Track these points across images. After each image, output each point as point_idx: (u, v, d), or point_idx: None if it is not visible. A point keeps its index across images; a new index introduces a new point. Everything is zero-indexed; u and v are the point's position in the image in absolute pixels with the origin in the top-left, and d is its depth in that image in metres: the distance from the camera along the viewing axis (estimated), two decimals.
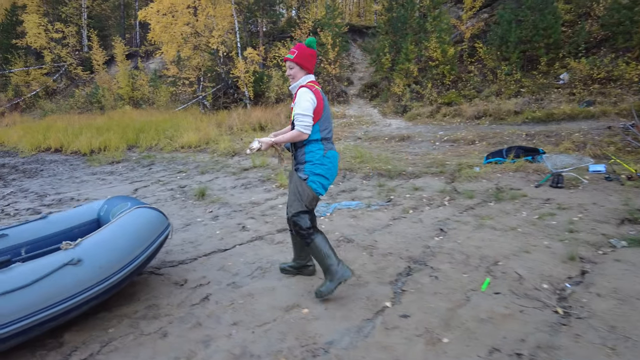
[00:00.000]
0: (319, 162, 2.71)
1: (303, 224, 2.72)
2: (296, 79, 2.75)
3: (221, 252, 3.73)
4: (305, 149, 2.74)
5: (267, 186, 6.19)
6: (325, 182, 2.79)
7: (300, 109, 2.63)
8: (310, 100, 2.63)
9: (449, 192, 5.04)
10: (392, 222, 4.21)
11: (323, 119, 2.73)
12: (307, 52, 2.73)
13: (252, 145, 2.72)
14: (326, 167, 2.75)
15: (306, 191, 2.72)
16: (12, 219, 5.30)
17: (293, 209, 2.75)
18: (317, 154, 2.71)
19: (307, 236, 2.72)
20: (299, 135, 2.65)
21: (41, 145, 12.71)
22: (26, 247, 3.02)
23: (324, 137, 2.75)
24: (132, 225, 2.79)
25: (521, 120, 9.50)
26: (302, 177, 2.72)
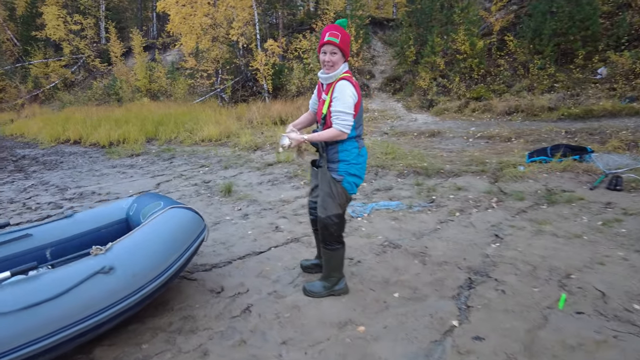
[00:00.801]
0: (354, 161, 2.48)
1: (337, 228, 2.55)
2: (335, 67, 2.40)
3: (256, 255, 3.44)
4: (339, 147, 2.46)
5: (295, 183, 5.88)
6: (358, 181, 2.58)
7: (343, 105, 2.33)
8: (353, 96, 2.36)
9: (496, 193, 4.67)
10: (439, 225, 3.87)
11: (359, 115, 2.46)
12: (347, 35, 2.39)
13: (283, 142, 2.46)
14: (360, 166, 2.54)
15: (341, 192, 2.50)
16: (33, 214, 5.10)
17: (329, 211, 2.52)
18: (352, 152, 2.47)
19: (334, 242, 2.59)
20: (339, 135, 2.36)
21: (60, 137, 12.62)
22: (51, 249, 2.76)
23: (358, 134, 2.50)
24: (167, 228, 2.51)
25: (556, 116, 9.01)
26: (336, 179, 2.48)
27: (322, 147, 2.52)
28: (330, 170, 2.51)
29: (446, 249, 3.33)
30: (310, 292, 2.72)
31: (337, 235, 2.59)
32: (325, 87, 2.51)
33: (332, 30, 2.36)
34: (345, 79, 2.38)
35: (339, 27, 2.38)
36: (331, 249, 2.61)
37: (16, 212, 5.20)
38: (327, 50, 2.38)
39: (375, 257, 3.27)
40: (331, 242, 2.59)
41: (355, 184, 2.56)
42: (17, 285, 1.92)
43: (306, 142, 2.50)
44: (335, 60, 2.38)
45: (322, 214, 2.55)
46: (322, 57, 2.40)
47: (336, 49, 2.36)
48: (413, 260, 3.18)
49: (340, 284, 2.72)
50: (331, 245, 2.60)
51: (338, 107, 2.34)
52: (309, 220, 2.92)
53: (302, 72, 13.31)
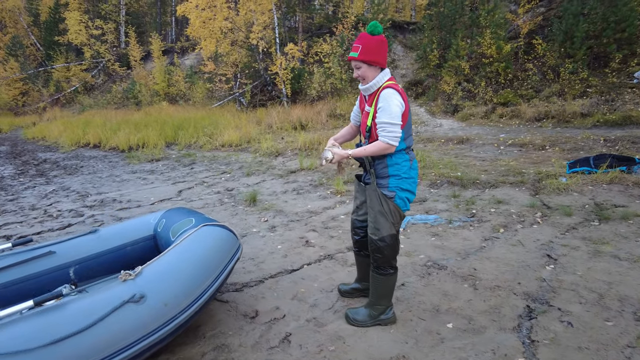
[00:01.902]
0: (406, 175, 2.27)
1: (391, 251, 2.33)
2: (367, 79, 2.22)
3: (289, 274, 3.21)
4: (388, 160, 2.25)
5: (321, 192, 5.65)
6: (411, 197, 2.35)
7: (390, 116, 2.12)
8: (400, 105, 2.14)
9: (539, 207, 4.35)
10: (485, 243, 3.58)
11: (408, 125, 2.24)
12: (372, 42, 2.15)
13: (326, 155, 2.28)
14: (412, 181, 2.32)
15: (394, 210, 2.28)
16: (54, 222, 4.98)
17: (382, 232, 2.29)
18: (403, 166, 2.26)
19: (387, 266, 2.36)
20: (386, 149, 2.16)
21: (80, 141, 12.66)
22: (75, 267, 2.58)
23: (408, 145, 2.28)
24: (201, 249, 2.30)
25: (591, 123, 8.60)
26: (388, 195, 2.26)
27: (369, 162, 2.31)
28: (379, 187, 2.29)
29: (497, 272, 3.05)
30: (354, 320, 2.47)
31: (391, 259, 2.36)
32: (367, 99, 2.32)
33: (354, 44, 2.19)
34: (390, 87, 2.17)
35: (361, 36, 2.19)
36: (383, 274, 2.37)
37: (37, 220, 5.09)
38: (353, 66, 2.25)
39: (419, 279, 3.01)
40: (384, 266, 2.36)
41: (408, 200, 2.33)
42: (41, 316, 1.72)
43: (350, 157, 2.29)
44: (362, 74, 2.21)
45: (375, 235, 2.31)
46: (354, 74, 2.28)
47: (358, 63, 2.18)
48: (462, 284, 2.91)
49: (387, 313, 2.47)
50: (383, 270, 2.36)
51: (384, 118, 2.13)
52: (353, 240, 2.67)
53: (322, 77, 13.09)
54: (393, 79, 2.26)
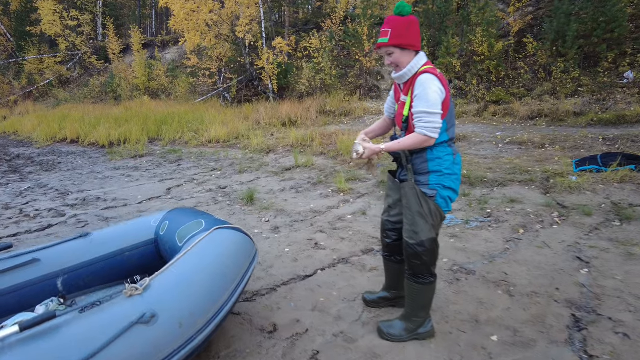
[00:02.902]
0: (449, 171, 2.00)
1: (431, 257, 2.07)
2: (402, 65, 1.96)
3: (302, 280, 2.91)
4: (428, 154, 1.99)
5: (322, 190, 5.35)
6: (454, 196, 2.08)
7: (428, 104, 1.85)
8: (439, 91, 1.87)
9: (554, 206, 4.17)
10: (507, 245, 3.37)
11: (450, 114, 1.97)
12: (403, 23, 1.89)
13: (357, 149, 2.07)
14: (456, 177, 2.05)
15: (434, 211, 2.02)
16: (32, 222, 4.52)
17: (421, 235, 2.03)
18: (446, 161, 1.99)
19: (427, 274, 2.10)
20: (425, 141, 1.90)
21: (56, 136, 11.98)
22: (64, 277, 2.22)
23: (450, 137, 2.02)
24: (216, 256, 1.98)
25: (585, 122, 8.57)
26: (428, 194, 2.00)
27: (406, 156, 2.05)
28: (418, 184, 2.03)
29: (530, 276, 2.82)
30: (389, 335, 2.20)
31: (431, 265, 2.10)
32: (402, 87, 2.05)
33: (382, 29, 1.94)
34: (427, 71, 1.90)
35: (389, 19, 1.92)
36: (421, 282, 2.11)
37: (13, 221, 4.62)
38: (383, 53, 2.00)
39: (449, 286, 2.76)
40: (422, 273, 2.10)
41: (450, 199, 2.07)
42: (30, 345, 1.37)
43: (383, 152, 2.04)
44: (396, 60, 1.96)
45: (412, 239, 2.05)
46: (386, 62, 2.02)
47: (390, 49, 1.94)
48: (495, 290, 2.67)
49: (426, 326, 2.21)
50: (422, 278, 2.10)
51: (421, 107, 1.88)
52: (383, 244, 2.40)
53: (312, 72, 12.77)
54: (430, 63, 1.99)
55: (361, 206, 4.56)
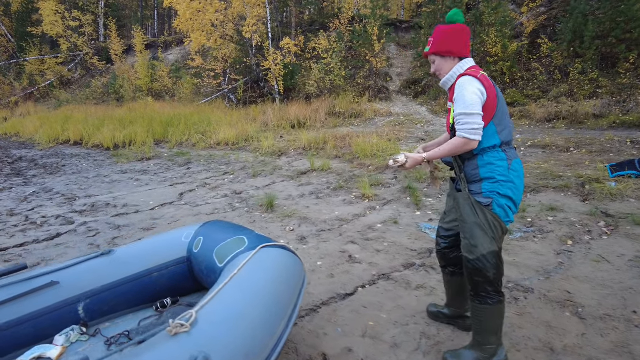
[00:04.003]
0: (503, 178, 1.80)
1: (495, 273, 1.83)
2: (444, 72, 1.91)
3: (343, 300, 2.64)
4: (479, 160, 1.83)
5: (344, 196, 5.08)
6: (514, 206, 1.85)
7: (464, 105, 1.75)
8: (478, 92, 1.75)
9: (599, 215, 3.90)
10: (560, 258, 3.09)
11: (500, 115, 1.81)
12: (446, 32, 1.86)
13: (398, 157, 1.95)
14: (513, 185, 1.82)
15: (493, 221, 1.81)
16: (39, 231, 4.24)
17: (481, 249, 1.82)
18: (499, 166, 1.80)
19: (492, 292, 1.85)
20: (465, 144, 1.76)
21: (59, 137, 11.72)
22: (85, 302, 1.94)
23: (504, 140, 1.82)
24: (268, 282, 1.70)
25: (607, 124, 8.32)
26: (482, 203, 1.81)
27: (458, 164, 1.91)
28: (473, 194, 1.85)
29: (596, 296, 2.55)
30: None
31: (495, 283, 1.85)
32: (449, 94, 1.94)
33: (431, 37, 1.93)
34: (466, 74, 1.80)
35: (436, 28, 1.92)
36: (486, 302, 1.86)
37: (19, 229, 4.34)
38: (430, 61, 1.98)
39: (508, 306, 2.48)
40: (487, 292, 1.85)
41: (510, 209, 1.84)
42: None
43: (425, 160, 1.93)
44: (437, 67, 1.93)
45: (472, 254, 1.85)
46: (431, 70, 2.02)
47: (432, 57, 1.93)
48: (562, 311, 2.40)
49: (500, 354, 1.92)
50: (488, 297, 1.85)
51: (458, 109, 1.77)
52: (437, 252, 2.22)
53: (321, 73, 12.51)
54: (476, 67, 1.86)
55: (390, 214, 4.29)
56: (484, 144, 1.80)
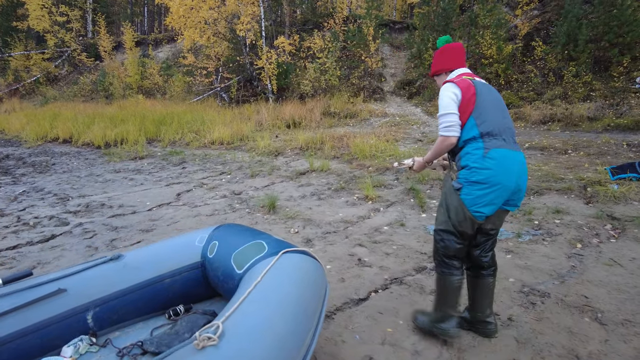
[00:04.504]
0: (476, 164, 1.92)
1: (440, 248, 2.10)
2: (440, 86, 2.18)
3: (357, 305, 2.57)
4: (461, 152, 2.02)
5: (346, 197, 5.01)
6: (488, 196, 1.91)
7: (440, 108, 2.02)
8: (452, 95, 1.97)
9: (605, 218, 3.90)
10: (572, 262, 3.06)
11: (479, 109, 1.95)
12: (436, 55, 2.24)
13: (405, 161, 2.42)
14: (491, 172, 1.89)
15: (456, 206, 1.99)
16: (32, 232, 4.08)
17: (437, 224, 2.13)
18: (473, 154, 1.94)
19: (437, 263, 2.14)
20: (444, 141, 2.00)
21: (47, 135, 11.42)
22: (94, 310, 1.84)
23: (483, 131, 1.94)
24: (293, 290, 1.62)
25: (601, 127, 8.39)
26: (454, 187, 2.01)
27: (450, 158, 2.16)
28: (453, 180, 2.05)
29: (614, 300, 2.52)
30: (415, 320, 2.28)
31: (439, 259, 2.12)
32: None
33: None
34: (448, 81, 2.06)
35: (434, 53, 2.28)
36: (436, 271, 2.17)
37: (10, 230, 4.17)
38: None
39: (525, 311, 2.44)
40: (436, 261, 2.16)
41: (483, 200, 1.92)
42: None
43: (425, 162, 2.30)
44: (438, 84, 2.25)
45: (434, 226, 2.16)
46: None
47: (435, 78, 2.27)
48: (581, 317, 2.36)
49: (447, 322, 2.11)
50: (436, 266, 2.16)
51: (438, 113, 2.06)
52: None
53: (316, 72, 12.42)
54: (462, 74, 2.09)
55: (396, 216, 4.23)
56: (464, 136, 1.96)
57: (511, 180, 1.90)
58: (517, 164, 1.93)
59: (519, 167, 1.94)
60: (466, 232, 2.01)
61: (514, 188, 1.93)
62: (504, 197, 1.92)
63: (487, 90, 2.03)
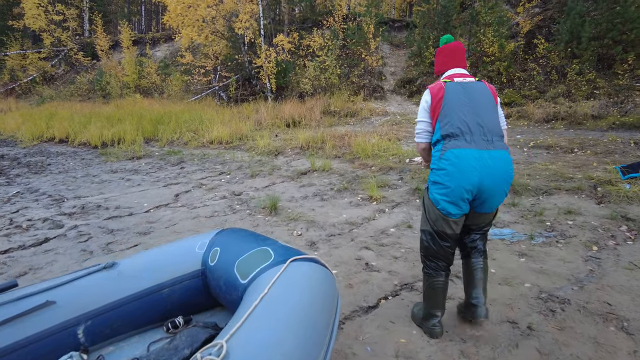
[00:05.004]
0: (434, 166, 2.04)
1: (422, 248, 2.20)
2: None
3: (367, 313, 2.42)
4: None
5: (350, 198, 4.87)
6: (447, 195, 1.96)
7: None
8: (423, 102, 2.13)
9: (619, 219, 3.77)
10: (589, 265, 2.93)
11: (444, 112, 2.00)
12: (435, 57, 2.31)
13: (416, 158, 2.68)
14: (445, 172, 1.95)
15: (428, 205, 2.11)
16: (25, 235, 3.93)
17: (420, 225, 2.23)
18: (434, 156, 2.06)
19: (422, 262, 2.22)
20: (417, 147, 2.24)
21: (43, 135, 11.23)
22: (85, 324, 1.69)
23: (444, 133, 1.99)
24: (304, 302, 1.47)
25: (606, 125, 8.27)
26: (426, 187, 2.16)
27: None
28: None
29: (638, 307, 2.39)
30: (413, 313, 2.36)
31: (424, 257, 2.19)
32: None
33: None
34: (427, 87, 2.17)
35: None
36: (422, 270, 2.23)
37: (2, 233, 4.01)
38: None
39: (545, 319, 2.30)
40: (421, 260, 2.23)
41: (443, 198, 1.98)
42: None
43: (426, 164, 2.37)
44: None
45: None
46: None
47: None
48: (606, 326, 2.23)
49: (429, 322, 2.17)
50: (422, 265, 2.23)
51: None
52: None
53: (316, 71, 12.27)
54: (449, 77, 2.13)
55: (402, 217, 4.09)
56: (434, 140, 2.07)
57: (468, 180, 1.88)
58: (478, 161, 1.89)
59: (481, 165, 1.88)
60: (444, 231, 2.04)
61: (475, 187, 1.90)
62: (464, 196, 1.92)
63: (463, 91, 2.01)
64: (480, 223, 2.13)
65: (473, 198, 1.96)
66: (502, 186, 1.95)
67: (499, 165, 1.92)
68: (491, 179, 1.90)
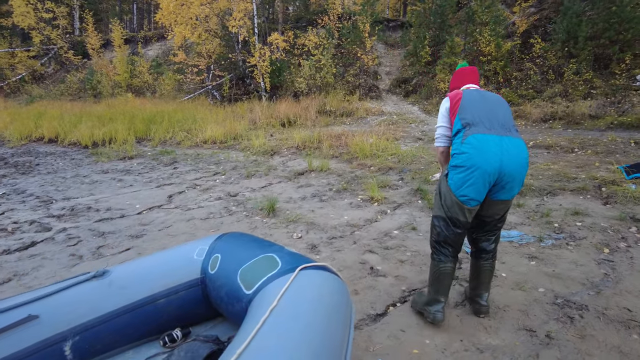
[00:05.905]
0: (455, 151, 2.05)
1: (433, 234, 2.23)
2: None
3: (375, 322, 2.29)
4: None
5: (350, 199, 4.73)
6: (468, 178, 1.96)
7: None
8: (443, 109, 2.26)
9: (629, 220, 3.67)
10: (602, 269, 2.82)
11: (463, 108, 2.08)
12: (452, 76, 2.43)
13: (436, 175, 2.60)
14: (468, 156, 1.95)
15: (445, 192, 2.10)
16: (11, 239, 3.73)
17: (433, 211, 2.24)
18: (455, 143, 2.08)
19: (432, 249, 2.26)
20: (437, 150, 2.35)
21: (32, 134, 10.94)
22: (73, 339, 1.53)
23: (464, 122, 2.04)
24: (316, 316, 1.32)
25: (604, 125, 8.23)
26: (445, 174, 2.14)
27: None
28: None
29: None
30: (414, 301, 2.40)
31: (432, 245, 2.24)
32: None
33: None
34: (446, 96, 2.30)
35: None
36: (430, 256, 2.28)
37: None
38: None
39: (564, 327, 2.18)
40: (431, 247, 2.27)
41: (461, 181, 1.98)
42: None
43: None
44: None
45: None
46: None
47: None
48: (629, 334, 2.11)
49: (432, 307, 2.19)
50: (431, 252, 2.27)
51: None
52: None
53: (311, 70, 12.12)
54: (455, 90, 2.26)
55: (405, 219, 3.96)
56: (454, 132, 2.10)
57: (490, 163, 1.90)
58: (498, 146, 1.92)
59: (502, 150, 1.92)
60: (457, 218, 2.06)
61: (497, 171, 1.92)
62: (486, 179, 1.93)
63: (479, 94, 2.13)
64: (495, 214, 2.14)
65: (494, 183, 1.98)
66: (521, 172, 1.99)
67: (517, 152, 1.97)
68: (511, 163, 1.94)
